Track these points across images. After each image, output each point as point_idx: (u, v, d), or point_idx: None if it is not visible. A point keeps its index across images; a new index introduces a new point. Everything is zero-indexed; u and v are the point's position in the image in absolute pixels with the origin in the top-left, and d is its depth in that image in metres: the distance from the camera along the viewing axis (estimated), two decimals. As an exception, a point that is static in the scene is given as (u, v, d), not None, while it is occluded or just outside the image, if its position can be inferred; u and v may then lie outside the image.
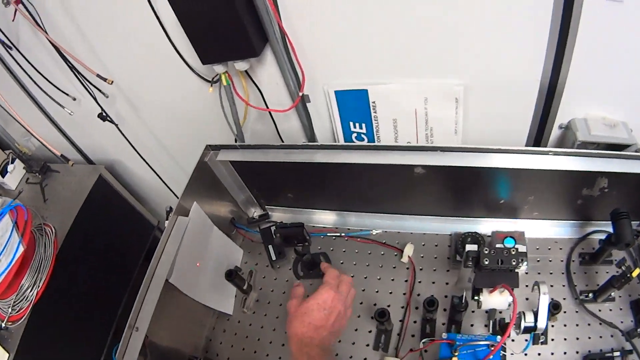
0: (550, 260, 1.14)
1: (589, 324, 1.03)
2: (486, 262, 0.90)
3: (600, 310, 1.04)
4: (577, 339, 1.02)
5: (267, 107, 1.31)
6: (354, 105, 1.21)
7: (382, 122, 1.23)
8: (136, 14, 1.20)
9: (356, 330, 1.14)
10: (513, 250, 0.90)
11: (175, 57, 1.27)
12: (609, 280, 1.00)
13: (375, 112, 1.21)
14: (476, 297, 0.93)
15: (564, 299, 1.07)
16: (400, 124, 1.22)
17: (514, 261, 0.89)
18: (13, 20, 1.35)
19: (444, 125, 1.17)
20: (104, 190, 1.85)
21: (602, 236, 1.12)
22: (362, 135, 1.30)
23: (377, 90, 1.16)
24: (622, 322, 1.02)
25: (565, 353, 1.00)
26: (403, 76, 1.11)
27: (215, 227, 1.27)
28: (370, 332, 1.13)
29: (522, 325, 0.88)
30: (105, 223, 1.83)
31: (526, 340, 0.94)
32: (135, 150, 1.70)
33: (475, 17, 0.96)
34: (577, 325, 1.04)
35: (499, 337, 0.87)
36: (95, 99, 1.52)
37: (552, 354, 1.00)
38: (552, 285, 1.09)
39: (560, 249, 1.16)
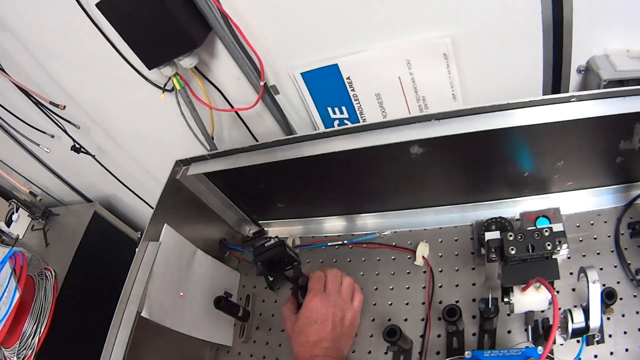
0: (595, 238, 0.95)
1: (651, 309, 0.84)
2: (512, 252, 0.71)
3: (662, 291, 0.85)
4: (640, 330, 0.82)
5: (232, 107, 1.16)
6: (328, 86, 1.04)
7: (364, 100, 1.05)
8: (85, 38, 1.13)
9: (369, 352, 0.97)
10: (546, 231, 0.71)
11: (136, 77, 1.16)
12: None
13: (353, 90, 1.04)
14: (506, 299, 0.74)
15: (618, 282, 0.87)
16: (386, 99, 1.04)
17: (548, 245, 0.70)
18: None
19: (438, 90, 0.99)
20: (101, 226, 1.84)
21: (653, 198, 0.94)
22: (345, 121, 1.13)
23: (348, 63, 0.99)
24: (691, 302, 0.82)
25: (627, 350, 0.81)
26: (374, 39, 0.94)
27: (200, 250, 1.13)
28: (386, 353, 0.95)
29: (570, 327, 0.69)
30: (105, 259, 1.78)
31: (578, 341, 0.75)
32: (117, 179, 1.64)
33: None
34: (637, 313, 0.84)
35: (540, 348, 0.66)
36: (64, 130, 1.44)
37: (612, 353, 0.81)
38: (601, 268, 0.90)
39: (605, 221, 0.96)
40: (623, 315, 0.84)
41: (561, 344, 0.79)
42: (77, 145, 1.48)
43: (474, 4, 0.86)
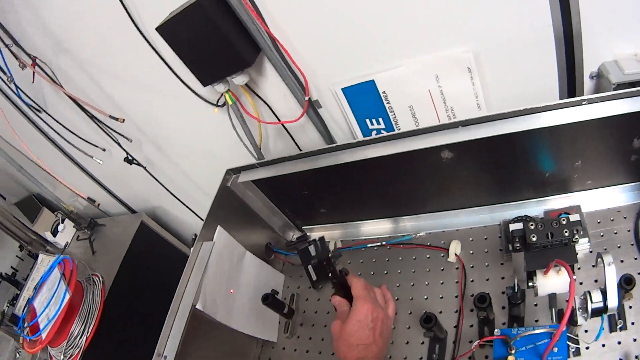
0: (615, 233, 1.00)
1: (672, 298, 0.88)
2: (534, 239, 0.79)
3: (682, 280, 0.89)
4: (661, 318, 0.86)
5: (279, 120, 1.27)
6: (366, 100, 1.14)
7: (398, 112, 1.15)
8: (140, 58, 1.23)
9: (407, 343, 1.04)
10: (563, 220, 0.79)
11: (188, 93, 1.27)
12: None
13: (388, 103, 1.13)
14: (530, 283, 0.81)
15: (639, 273, 0.92)
16: (418, 110, 1.13)
17: (566, 232, 0.78)
18: (33, 82, 1.41)
19: (464, 101, 1.07)
20: (147, 236, 1.92)
21: (670, 193, 0.98)
22: (382, 131, 1.21)
23: (384, 79, 1.08)
24: None
25: (649, 337, 0.85)
26: (406, 56, 1.03)
27: (249, 252, 1.22)
28: (422, 343, 1.02)
29: (589, 307, 0.75)
30: (151, 267, 1.87)
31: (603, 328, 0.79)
32: (168, 190, 1.73)
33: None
34: (658, 301, 0.88)
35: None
36: (118, 143, 1.56)
37: (635, 340, 0.85)
38: (622, 261, 0.95)
39: (625, 217, 1.01)
40: (644, 304, 0.88)
41: (586, 330, 0.87)
42: (130, 157, 1.59)
43: (490, 21, 0.94)
